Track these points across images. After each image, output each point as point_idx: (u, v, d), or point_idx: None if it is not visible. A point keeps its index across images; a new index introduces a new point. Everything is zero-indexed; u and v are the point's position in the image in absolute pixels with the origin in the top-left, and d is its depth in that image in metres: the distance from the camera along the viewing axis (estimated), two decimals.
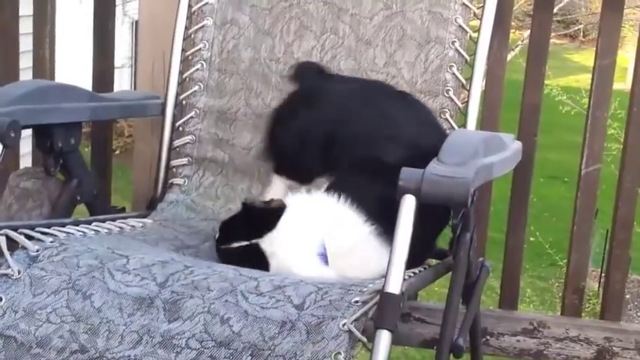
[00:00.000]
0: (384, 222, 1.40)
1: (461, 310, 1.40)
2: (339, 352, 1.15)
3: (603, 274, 4.65)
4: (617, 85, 2.13)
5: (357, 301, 1.20)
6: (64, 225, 1.50)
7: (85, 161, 1.80)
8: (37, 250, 1.35)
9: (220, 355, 1.17)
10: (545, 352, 2.08)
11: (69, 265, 1.32)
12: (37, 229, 1.43)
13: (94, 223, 1.58)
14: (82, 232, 1.51)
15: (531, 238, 6.93)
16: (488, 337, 2.08)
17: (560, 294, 3.07)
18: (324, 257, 1.43)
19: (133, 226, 1.66)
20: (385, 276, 1.18)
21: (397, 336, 1.17)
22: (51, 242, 1.39)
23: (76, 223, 1.55)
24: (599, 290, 6.89)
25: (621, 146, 2.13)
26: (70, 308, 1.25)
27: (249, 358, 1.16)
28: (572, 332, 2.07)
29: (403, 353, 4.89)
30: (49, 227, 1.46)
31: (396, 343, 1.18)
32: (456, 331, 1.36)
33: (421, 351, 4.41)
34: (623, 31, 2.79)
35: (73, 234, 1.47)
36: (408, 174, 1.20)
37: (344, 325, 1.17)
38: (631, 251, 2.16)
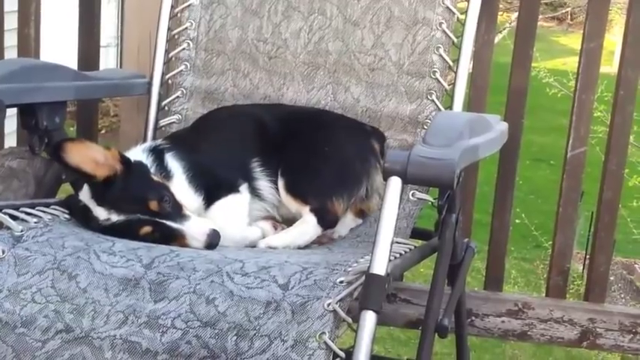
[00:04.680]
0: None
1: (446, 291, 1.41)
2: (324, 332, 1.15)
3: (588, 256, 4.68)
4: (604, 69, 2.14)
5: (342, 282, 1.21)
6: (48, 205, 1.49)
7: None
8: (22, 231, 1.35)
9: (206, 335, 1.17)
10: (529, 332, 2.10)
11: (54, 246, 1.32)
12: (21, 209, 1.42)
13: None
14: (67, 215, 1.50)
15: (517, 220, 6.95)
16: (473, 318, 2.09)
17: (544, 276, 3.09)
18: None
19: None
20: (370, 257, 1.18)
21: (382, 317, 1.17)
22: (35, 223, 1.39)
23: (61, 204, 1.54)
24: (583, 272, 6.93)
25: (607, 129, 2.14)
26: (55, 288, 1.25)
27: (235, 338, 1.17)
28: (556, 313, 2.09)
29: (388, 334, 4.91)
30: (33, 207, 1.45)
31: (382, 323, 1.18)
32: (441, 311, 1.36)
33: (406, 331, 4.42)
34: (611, 14, 2.79)
35: (57, 216, 1.47)
36: (393, 156, 1.20)
37: (329, 305, 1.17)
38: (616, 233, 2.17)
